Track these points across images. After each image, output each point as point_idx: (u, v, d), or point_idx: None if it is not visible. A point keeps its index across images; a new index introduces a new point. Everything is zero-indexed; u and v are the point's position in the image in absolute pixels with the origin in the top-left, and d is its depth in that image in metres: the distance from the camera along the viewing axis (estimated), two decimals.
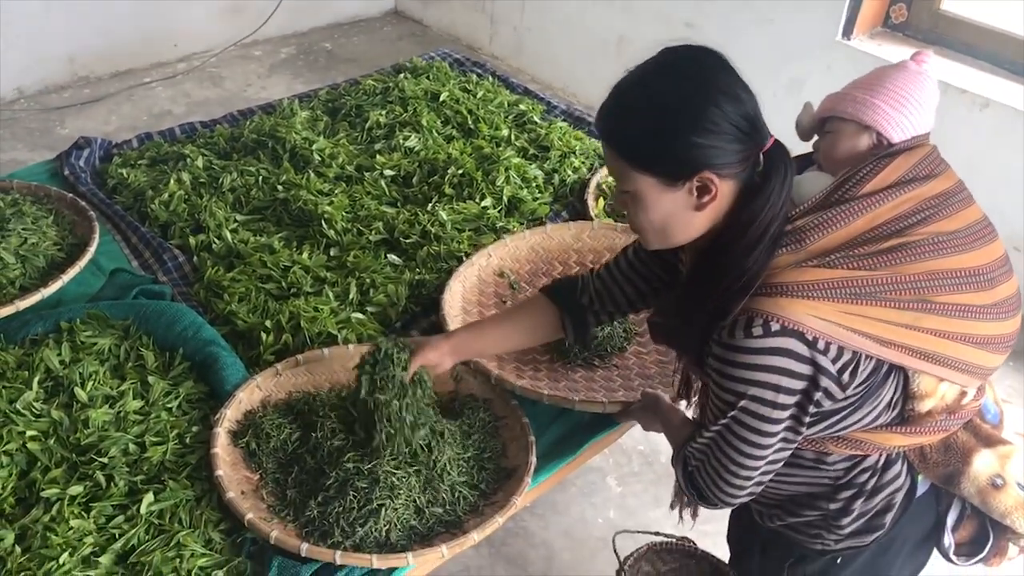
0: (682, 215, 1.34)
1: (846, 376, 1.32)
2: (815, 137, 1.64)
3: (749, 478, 1.40)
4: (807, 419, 1.35)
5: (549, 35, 5.03)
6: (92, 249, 2.22)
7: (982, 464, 1.47)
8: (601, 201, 2.59)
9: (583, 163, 2.76)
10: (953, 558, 1.57)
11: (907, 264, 1.33)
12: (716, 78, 1.29)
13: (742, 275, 1.30)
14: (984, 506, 1.49)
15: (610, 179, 2.67)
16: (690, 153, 1.28)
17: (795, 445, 1.39)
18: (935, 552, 1.63)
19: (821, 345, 1.29)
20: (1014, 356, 2.85)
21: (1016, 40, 3.52)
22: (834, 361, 1.31)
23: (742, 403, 1.34)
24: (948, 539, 1.55)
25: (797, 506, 1.53)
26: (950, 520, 1.55)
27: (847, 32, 3.78)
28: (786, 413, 1.33)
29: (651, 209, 1.35)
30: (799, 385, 1.31)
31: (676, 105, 1.29)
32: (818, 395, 1.32)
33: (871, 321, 1.31)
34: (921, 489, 1.52)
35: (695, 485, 1.47)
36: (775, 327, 1.27)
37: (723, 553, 2.18)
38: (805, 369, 1.29)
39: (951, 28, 3.69)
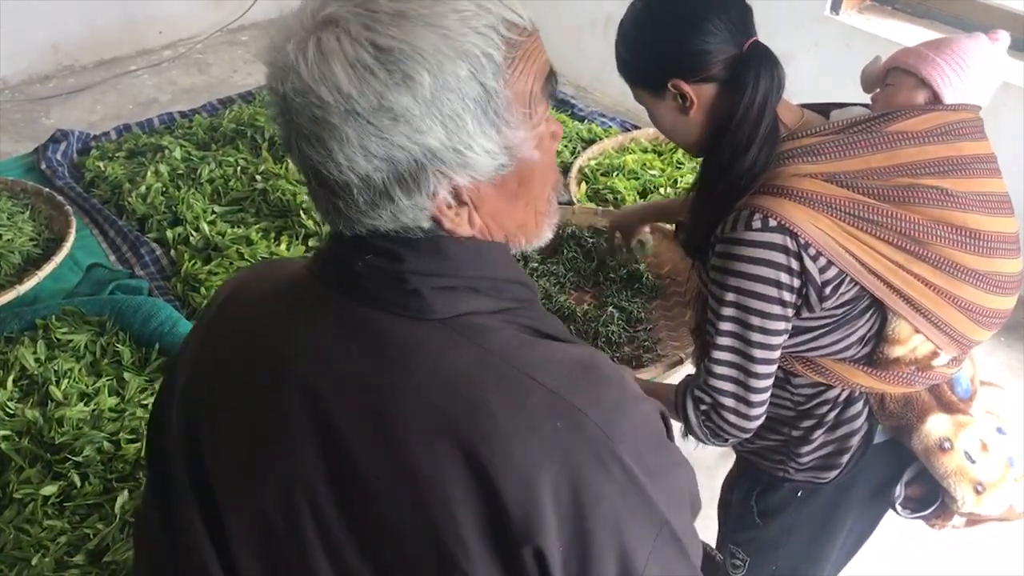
0: (679, 121, 1.45)
1: (828, 290, 1.36)
2: (877, 90, 1.64)
3: (766, 389, 1.42)
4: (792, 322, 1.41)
5: (535, 13, 4.90)
6: (68, 245, 2.21)
7: (935, 425, 1.51)
8: (583, 185, 2.56)
9: (565, 147, 2.73)
10: (898, 508, 1.61)
11: (912, 206, 1.37)
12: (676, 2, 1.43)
13: (743, 174, 1.37)
14: (928, 465, 1.52)
15: (592, 163, 2.65)
16: (655, 65, 1.42)
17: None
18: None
19: (812, 252, 1.34)
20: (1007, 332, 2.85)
21: (1008, 13, 3.47)
22: (821, 271, 1.35)
23: (731, 296, 1.37)
24: (899, 490, 1.60)
25: (764, 429, 1.56)
26: (907, 475, 1.59)
27: (835, 7, 3.73)
28: (789, 311, 1.37)
29: (657, 119, 1.49)
30: (796, 283, 1.35)
31: (643, 26, 1.45)
32: (799, 301, 1.37)
33: (865, 248, 1.36)
34: (879, 438, 1.55)
35: (711, 422, 1.47)
36: (772, 223, 1.33)
37: (707, 536, 2.18)
38: (797, 267, 1.34)
39: (940, 1, 3.64)
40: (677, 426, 2.06)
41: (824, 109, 1.53)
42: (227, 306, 0.96)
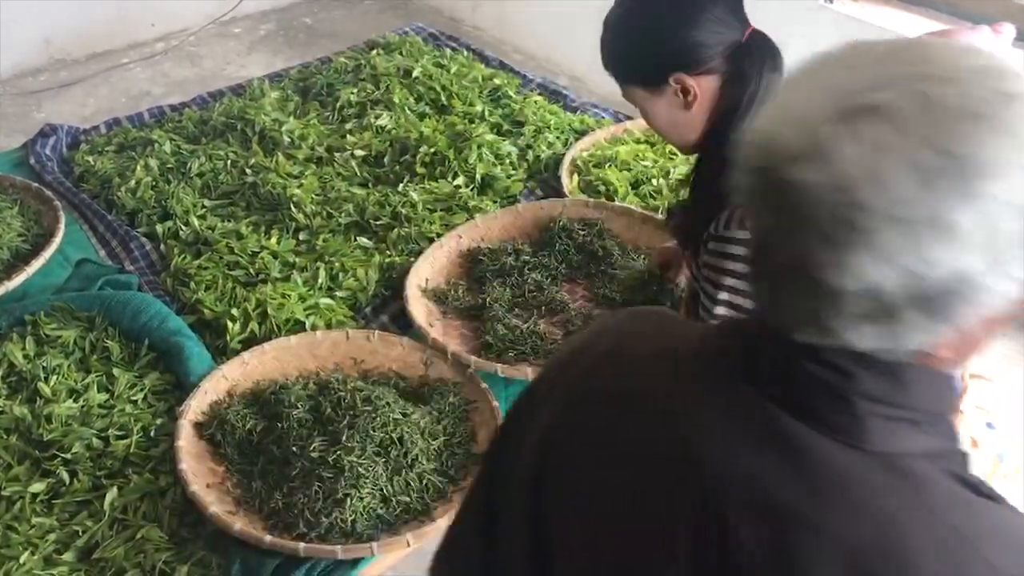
0: (679, 116, 1.42)
1: None
2: None
3: None
4: None
5: (532, 4, 4.95)
6: (57, 240, 2.20)
7: None
8: (576, 177, 2.55)
9: (558, 138, 2.72)
10: None
11: None
12: None
13: None
14: None
15: (584, 154, 2.63)
16: (656, 60, 1.39)
17: None
18: None
19: None
20: None
21: (1003, 2, 3.45)
22: None
23: (724, 295, 1.36)
24: None
25: None
26: None
27: None
28: None
29: (654, 116, 1.46)
30: None
31: (639, 20, 1.41)
32: None
33: None
34: None
35: None
36: None
37: None
38: None
39: None
40: None
41: None
42: (613, 357, 0.86)
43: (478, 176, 2.50)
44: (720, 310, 1.37)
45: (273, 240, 2.25)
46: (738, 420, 0.74)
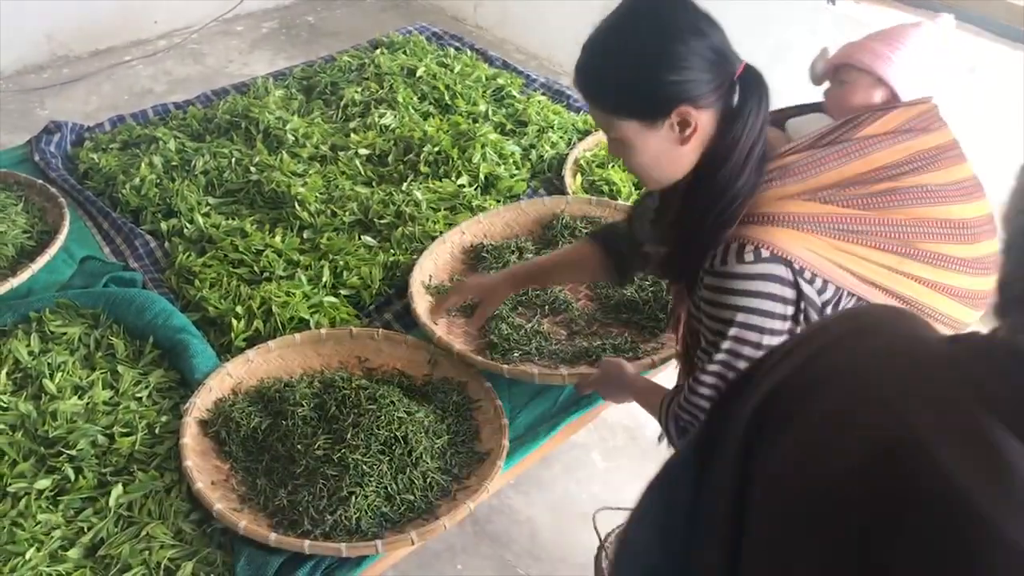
0: (670, 151, 1.37)
1: (828, 309, 1.37)
2: (827, 84, 1.62)
3: None
4: None
5: (534, 3, 4.96)
6: (62, 237, 2.20)
7: None
8: (579, 177, 2.55)
9: (561, 138, 2.72)
10: None
11: (895, 208, 1.37)
12: (676, 16, 1.33)
13: (734, 199, 1.34)
14: None
15: (588, 154, 2.64)
16: (663, 91, 1.32)
17: None
18: None
19: (807, 275, 1.33)
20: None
21: (1004, 2, 3.45)
22: (819, 293, 1.35)
23: (734, 331, 1.36)
24: None
25: None
26: None
27: None
28: (781, 340, 1.35)
29: (640, 151, 1.38)
30: (790, 311, 1.34)
31: (641, 48, 1.33)
32: (800, 328, 1.36)
33: (857, 259, 1.36)
34: None
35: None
36: (765, 253, 1.31)
37: None
38: (792, 295, 1.33)
39: None
40: (652, 429, 2.12)
41: (777, 119, 1.52)
42: (848, 342, 0.87)
43: (482, 175, 2.51)
44: (726, 344, 1.37)
45: (277, 238, 2.25)
46: (955, 424, 0.74)
